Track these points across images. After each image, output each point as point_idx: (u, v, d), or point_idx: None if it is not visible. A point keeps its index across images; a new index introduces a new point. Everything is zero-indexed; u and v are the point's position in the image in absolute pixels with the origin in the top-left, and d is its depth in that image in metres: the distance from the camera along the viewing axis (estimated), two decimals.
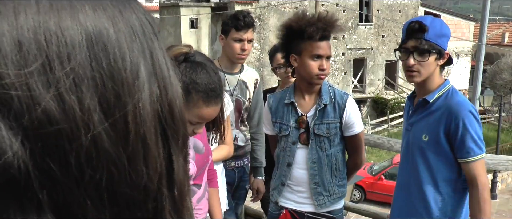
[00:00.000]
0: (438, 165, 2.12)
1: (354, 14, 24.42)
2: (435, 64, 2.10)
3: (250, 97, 2.96)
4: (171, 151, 0.42)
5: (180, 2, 21.64)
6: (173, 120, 0.41)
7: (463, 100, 2.11)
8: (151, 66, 0.40)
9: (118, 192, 0.37)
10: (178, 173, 0.43)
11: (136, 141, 0.37)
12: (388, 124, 23.30)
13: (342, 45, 24.45)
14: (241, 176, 3.02)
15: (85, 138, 0.34)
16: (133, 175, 0.37)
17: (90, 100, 0.35)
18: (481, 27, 11.48)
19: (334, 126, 2.43)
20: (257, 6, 22.04)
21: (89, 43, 0.35)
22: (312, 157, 2.45)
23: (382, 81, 26.03)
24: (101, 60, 0.36)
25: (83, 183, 0.35)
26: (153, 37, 0.41)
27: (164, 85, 0.40)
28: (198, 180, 1.95)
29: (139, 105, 0.37)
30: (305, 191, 2.51)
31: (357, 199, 14.05)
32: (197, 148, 1.96)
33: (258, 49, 22.01)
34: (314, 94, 2.47)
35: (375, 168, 14.81)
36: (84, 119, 0.34)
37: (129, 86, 0.37)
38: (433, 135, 2.10)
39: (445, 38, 2.09)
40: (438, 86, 2.14)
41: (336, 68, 24.55)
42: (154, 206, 0.40)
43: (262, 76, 21.40)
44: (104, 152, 0.35)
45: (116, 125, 0.36)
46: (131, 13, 0.40)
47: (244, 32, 2.74)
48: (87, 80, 0.35)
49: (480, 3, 11.77)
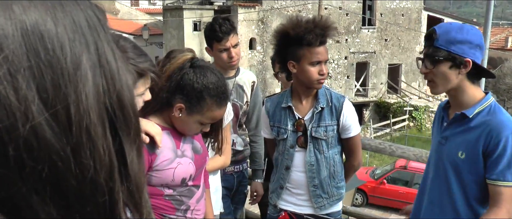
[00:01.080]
0: (472, 184, 1.97)
1: (357, 17, 24.42)
2: (454, 74, 1.94)
3: (247, 100, 2.95)
4: (123, 144, 0.41)
5: (183, 5, 21.70)
6: (122, 112, 0.41)
7: (507, 119, 1.92)
8: (96, 59, 0.39)
9: (64, 184, 0.36)
10: (132, 165, 0.42)
11: (80, 133, 0.37)
12: (390, 128, 23.25)
13: (345, 48, 24.44)
14: (240, 180, 3.02)
15: (23, 128, 0.33)
16: (78, 167, 0.36)
17: (26, 90, 0.34)
18: (484, 31, 11.45)
19: (331, 128, 2.44)
20: (260, 9, 22.07)
21: (24, 33, 0.35)
22: (310, 159, 2.47)
23: (384, 85, 26.00)
24: (38, 50, 0.35)
25: (25, 174, 0.34)
26: (100, 30, 0.40)
27: (111, 77, 0.40)
28: (197, 180, 1.96)
29: (81, 96, 0.37)
30: (304, 194, 2.52)
31: (359, 203, 14.01)
32: (195, 149, 1.97)
33: (261, 52, 22.02)
34: (311, 97, 2.49)
35: (377, 172, 14.76)
36: (20, 108, 0.34)
37: (69, 76, 0.36)
38: (471, 153, 1.94)
39: (463, 45, 1.91)
40: (477, 100, 1.98)
41: (339, 71, 24.55)
42: (104, 199, 0.39)
43: (264, 79, 21.41)
44: (46, 143, 0.35)
45: (57, 116, 0.35)
46: (74, 6, 0.39)
47: (226, 41, 2.71)
48: (23, 70, 0.34)
49: (484, 7, 11.75)
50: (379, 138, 21.18)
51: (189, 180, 1.90)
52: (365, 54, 25.13)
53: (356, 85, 25.47)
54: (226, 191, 2.94)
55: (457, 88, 1.99)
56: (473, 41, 1.94)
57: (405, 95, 25.82)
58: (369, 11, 25.21)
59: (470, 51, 1.93)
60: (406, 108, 24.23)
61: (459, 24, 2.04)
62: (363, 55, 25.08)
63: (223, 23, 2.71)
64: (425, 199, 2.20)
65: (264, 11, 22.19)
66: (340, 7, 23.81)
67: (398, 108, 24.60)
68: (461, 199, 2.01)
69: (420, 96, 26.37)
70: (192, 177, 1.91)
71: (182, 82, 1.80)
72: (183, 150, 1.90)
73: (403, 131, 23.49)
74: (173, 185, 1.85)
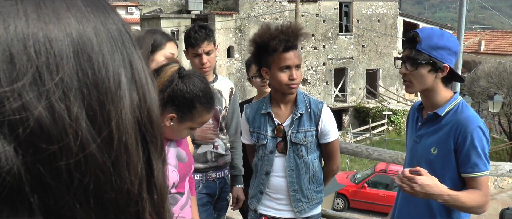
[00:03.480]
0: (445, 177, 2.07)
1: (334, 24, 24.68)
2: (431, 77, 2.06)
3: (226, 105, 2.99)
4: (151, 156, 0.43)
5: (161, 14, 21.66)
6: (152, 125, 0.43)
7: (473, 115, 2.07)
8: (130, 75, 0.41)
9: (104, 196, 0.38)
10: (158, 176, 0.44)
11: (119, 147, 0.39)
12: (370, 133, 23.48)
13: (322, 55, 24.66)
14: (222, 187, 3.03)
15: (74, 144, 0.36)
16: (117, 180, 0.39)
17: (77, 108, 0.36)
18: (458, 35, 11.69)
19: (310, 133, 2.48)
20: (237, 17, 22.15)
21: (75, 54, 0.37)
22: (290, 164, 2.50)
23: (363, 90, 26.27)
24: (86, 70, 0.37)
25: (73, 187, 0.36)
26: (132, 47, 0.43)
27: (143, 92, 0.42)
28: (180, 188, 1.97)
29: (122, 113, 0.39)
30: (283, 198, 2.55)
31: (340, 207, 14.11)
32: (180, 157, 1.98)
33: (239, 60, 22.08)
34: (290, 103, 2.52)
35: (358, 176, 14.89)
36: (72, 126, 0.36)
37: (112, 95, 0.38)
38: (443, 149, 2.07)
39: (443, 51, 2.04)
40: (446, 100, 2.11)
41: (317, 78, 24.73)
42: (136, 209, 0.41)
43: (243, 87, 21.44)
44: (92, 158, 0.37)
45: (101, 132, 0.37)
46: (112, 23, 0.41)
47: (198, 47, 2.77)
48: (74, 89, 0.36)
49: (457, 12, 12.00)
50: (359, 142, 21.35)
51: (172, 187, 1.91)
52: (343, 60, 25.38)
53: (335, 91, 25.68)
54: (208, 198, 2.94)
55: (431, 90, 2.11)
56: (452, 48, 2.06)
57: (384, 100, 26.12)
58: (346, 18, 25.51)
59: (448, 57, 2.06)
60: (385, 112, 24.51)
61: (440, 31, 2.16)
62: (341, 61, 25.33)
63: (199, 30, 2.79)
64: (400, 196, 2.30)
65: (241, 19, 22.28)
66: (317, 14, 24.04)
67: (377, 113, 24.87)
68: None
69: (398, 101, 26.72)
70: (176, 184, 1.92)
71: (173, 94, 1.84)
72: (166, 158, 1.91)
73: (382, 135, 23.73)
74: None
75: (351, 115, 25.91)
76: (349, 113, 25.87)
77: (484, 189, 2.03)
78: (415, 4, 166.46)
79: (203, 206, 2.88)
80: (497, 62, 22.55)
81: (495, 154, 19.19)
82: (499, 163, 3.83)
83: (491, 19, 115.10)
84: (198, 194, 2.88)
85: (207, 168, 2.91)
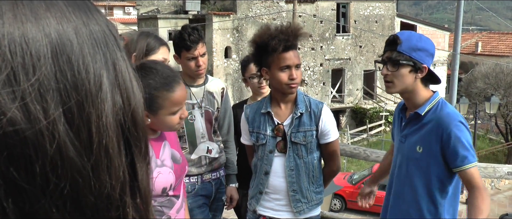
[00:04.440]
0: (432, 174, 2.19)
1: (331, 25, 24.67)
2: (412, 77, 2.17)
3: (218, 106, 2.98)
4: (135, 159, 0.42)
5: (158, 14, 21.61)
6: (136, 128, 0.42)
7: (452, 111, 2.18)
8: (113, 77, 0.40)
9: (82, 200, 0.37)
10: (142, 180, 0.43)
11: (99, 150, 0.38)
12: (367, 133, 23.49)
13: (320, 56, 24.66)
14: (217, 187, 3.02)
15: (50, 147, 0.35)
16: (97, 184, 0.38)
17: (54, 110, 0.35)
18: (455, 37, 11.72)
19: (310, 133, 2.47)
20: (234, 17, 22.13)
21: (54, 54, 0.36)
22: (290, 164, 2.48)
23: (360, 91, 26.29)
24: (65, 71, 0.36)
25: (49, 191, 0.35)
26: (116, 48, 0.41)
27: (127, 95, 0.41)
28: (177, 190, 1.95)
29: (102, 115, 0.38)
30: (283, 199, 2.54)
31: (338, 208, 14.10)
32: (174, 158, 1.96)
33: (236, 60, 22.04)
34: (290, 103, 2.52)
35: (355, 177, 14.88)
36: (49, 128, 0.35)
37: (92, 97, 0.37)
38: (427, 147, 2.18)
39: (422, 53, 2.15)
40: (426, 99, 2.22)
41: (315, 78, 24.73)
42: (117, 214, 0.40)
43: (240, 88, 21.43)
44: (69, 161, 0.36)
45: (80, 135, 0.36)
46: (95, 24, 0.40)
47: (194, 50, 2.74)
48: (52, 91, 0.35)
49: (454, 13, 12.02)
50: (356, 143, 21.37)
51: (170, 189, 1.88)
52: (340, 61, 25.38)
53: (332, 92, 25.68)
54: (204, 199, 2.93)
55: (412, 91, 2.22)
56: (429, 50, 2.19)
57: (381, 101, 26.14)
58: (343, 18, 25.51)
59: (426, 58, 2.18)
60: (382, 113, 24.54)
61: (418, 34, 2.30)
62: (338, 62, 25.33)
63: (192, 33, 2.74)
64: (391, 193, 2.39)
65: (238, 19, 22.25)
66: (314, 15, 24.03)
67: (374, 114, 24.89)
68: (422, 189, 2.23)
69: (396, 102, 26.73)
70: (173, 186, 1.90)
71: None
72: (162, 159, 1.89)
73: (379, 136, 23.75)
74: (153, 195, 1.83)
75: (348, 115, 25.92)
76: (346, 113, 25.88)
77: (477, 179, 2.12)
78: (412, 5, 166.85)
79: (199, 208, 2.87)
80: (494, 64, 22.59)
81: (492, 155, 19.24)
82: (497, 165, 3.84)
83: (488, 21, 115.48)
84: (194, 196, 2.86)
85: (202, 173, 2.91)
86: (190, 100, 2.85)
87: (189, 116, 2.84)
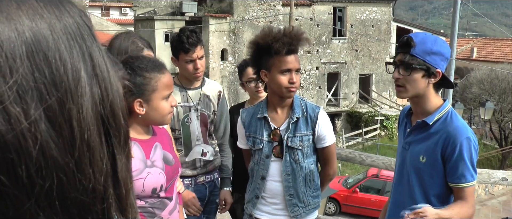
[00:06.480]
0: (433, 185, 2.11)
1: (327, 28, 24.73)
2: (424, 82, 2.05)
3: (214, 109, 2.98)
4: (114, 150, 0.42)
5: (155, 16, 21.59)
6: (114, 119, 0.41)
7: (462, 125, 2.06)
8: (91, 69, 0.39)
9: (68, 198, 0.36)
10: (121, 171, 0.43)
11: (82, 145, 0.37)
12: (362, 137, 23.52)
13: (316, 59, 24.69)
14: (211, 190, 3.02)
15: (34, 149, 0.34)
16: (82, 179, 0.37)
17: (35, 110, 0.34)
18: (450, 42, 11.75)
19: (307, 138, 2.46)
20: (231, 20, 22.13)
21: (29, 54, 0.35)
22: (286, 169, 2.48)
23: (356, 95, 26.33)
24: (43, 69, 0.35)
25: (34, 194, 0.34)
26: (91, 39, 0.40)
27: (105, 86, 0.40)
28: (169, 192, 1.94)
29: (82, 109, 0.37)
30: (279, 203, 2.53)
31: (332, 212, 14.10)
32: (167, 160, 1.96)
33: (232, 63, 22.04)
34: (286, 108, 2.51)
35: (350, 181, 14.90)
36: (30, 129, 0.34)
37: (72, 92, 0.37)
38: (431, 158, 2.08)
39: (436, 57, 2.02)
40: (436, 108, 2.11)
41: (311, 82, 24.76)
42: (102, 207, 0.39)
43: (236, 90, 21.42)
44: (53, 160, 0.35)
45: (62, 132, 0.36)
46: (68, 17, 0.39)
47: (192, 52, 2.73)
48: (31, 91, 0.34)
49: (450, 19, 12.06)
50: (351, 147, 21.39)
51: (161, 190, 1.88)
52: (336, 65, 25.43)
53: (328, 96, 25.71)
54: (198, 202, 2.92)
55: (422, 96, 2.10)
56: (444, 54, 2.05)
57: (376, 105, 26.18)
58: (340, 22, 25.57)
59: (441, 63, 2.04)
60: (378, 117, 24.57)
61: (434, 36, 2.13)
62: (334, 66, 25.37)
63: (191, 35, 2.73)
64: (390, 201, 2.33)
65: (235, 22, 22.26)
66: (310, 18, 24.08)
67: (369, 118, 24.93)
68: (422, 198, 2.14)
69: (391, 106, 26.80)
70: (164, 187, 1.89)
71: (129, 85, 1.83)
72: (153, 160, 1.89)
73: (375, 140, 23.78)
74: (143, 196, 1.83)
75: (343, 119, 25.95)
76: (341, 117, 25.91)
77: (470, 199, 2.06)
78: (409, 10, 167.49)
79: None
80: (489, 69, 22.68)
81: (486, 160, 19.29)
82: (492, 171, 3.84)
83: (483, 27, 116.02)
84: None
85: (196, 175, 2.91)
86: (187, 102, 2.84)
87: (186, 119, 2.84)
